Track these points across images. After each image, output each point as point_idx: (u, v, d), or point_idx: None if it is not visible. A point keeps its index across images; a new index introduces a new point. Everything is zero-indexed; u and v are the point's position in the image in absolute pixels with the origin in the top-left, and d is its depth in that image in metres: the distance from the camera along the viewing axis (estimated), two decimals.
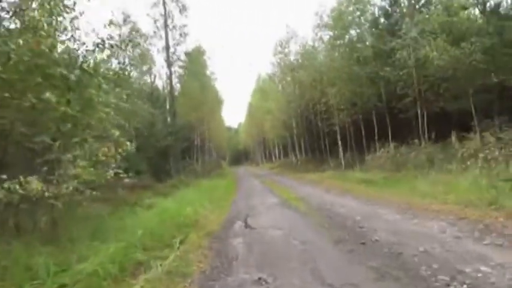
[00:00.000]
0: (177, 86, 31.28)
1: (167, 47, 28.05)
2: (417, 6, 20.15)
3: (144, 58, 28.42)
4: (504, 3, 16.88)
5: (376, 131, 22.38)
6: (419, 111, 17.73)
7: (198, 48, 37.19)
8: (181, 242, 6.94)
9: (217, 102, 49.84)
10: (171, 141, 25.33)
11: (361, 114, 23.64)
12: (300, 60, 35.08)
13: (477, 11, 17.34)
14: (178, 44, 28.07)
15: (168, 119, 27.68)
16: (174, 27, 28.09)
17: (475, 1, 16.15)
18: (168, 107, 28.47)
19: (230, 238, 7.52)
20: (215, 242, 7.23)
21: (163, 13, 27.83)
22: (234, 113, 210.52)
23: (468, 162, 11.41)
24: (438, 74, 15.37)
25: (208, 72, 40.76)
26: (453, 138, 14.16)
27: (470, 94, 14.76)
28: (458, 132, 14.37)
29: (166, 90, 29.05)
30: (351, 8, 23.91)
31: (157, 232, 7.25)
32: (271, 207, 11.58)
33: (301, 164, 36.36)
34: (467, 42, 14.02)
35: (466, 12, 16.82)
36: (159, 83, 33.06)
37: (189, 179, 23.43)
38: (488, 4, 16.33)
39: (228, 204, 13.35)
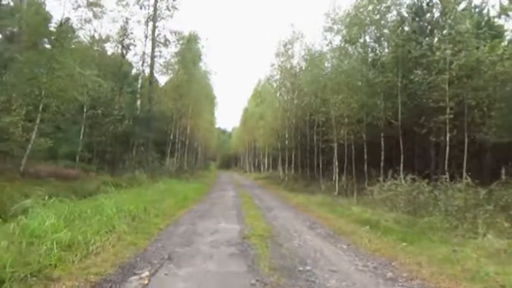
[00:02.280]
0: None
1: (153, 19, 23.70)
2: None
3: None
4: None
5: (383, 155, 18.04)
6: (448, 136, 13.32)
7: (192, 33, 33.07)
8: None
9: (208, 98, 45.50)
10: (135, 128, 20.74)
11: (366, 132, 19.32)
12: (303, 65, 30.84)
13: None
14: (163, 18, 23.64)
15: (138, 103, 23.12)
16: None
17: None
18: (139, 87, 23.89)
19: None
20: None
21: None
22: (230, 118, 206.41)
23: None
24: (491, 85, 11.01)
25: (201, 64, 36.58)
26: (503, 177, 9.78)
27: None
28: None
29: (141, 69, 24.44)
30: (370, 8, 19.70)
31: None
32: (219, 248, 7.10)
33: (288, 180, 31.84)
34: None
35: None
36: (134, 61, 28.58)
37: (149, 177, 18.92)
38: None
39: (157, 227, 8.83)
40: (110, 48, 24.31)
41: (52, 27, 19.42)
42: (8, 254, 4.55)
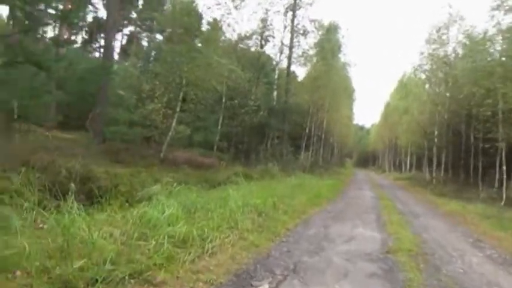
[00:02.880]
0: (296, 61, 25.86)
1: (293, 8, 23.03)
2: None
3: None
4: None
5: None
6: None
7: (332, 23, 31.53)
8: None
9: (347, 91, 43.36)
10: (270, 120, 20.38)
11: None
12: (460, 52, 26.51)
13: None
14: (302, 7, 22.74)
15: (274, 94, 22.76)
16: None
17: None
18: (276, 78, 23.48)
19: None
20: None
21: None
22: (369, 114, 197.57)
23: None
24: None
25: (340, 55, 34.82)
26: None
27: None
28: None
29: (279, 59, 23.91)
30: None
31: None
32: (356, 264, 5.70)
33: (436, 183, 27.99)
34: None
35: None
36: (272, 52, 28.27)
37: (281, 170, 18.36)
38: None
39: (285, 227, 7.85)
40: (251, 41, 24.58)
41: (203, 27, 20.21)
42: (113, 246, 4.03)
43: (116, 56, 22.26)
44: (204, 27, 20.04)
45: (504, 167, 17.13)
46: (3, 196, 5.35)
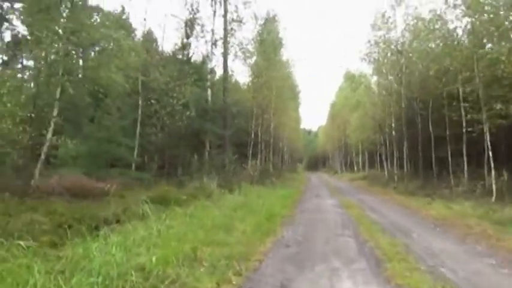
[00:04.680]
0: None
1: None
2: None
3: None
4: None
5: None
6: None
7: (270, 12, 28.32)
8: None
9: (292, 91, 40.51)
10: (205, 125, 16.41)
11: None
12: (408, 35, 24.28)
13: None
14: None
15: (209, 93, 18.82)
16: None
17: None
18: (208, 74, 19.56)
19: None
20: None
21: None
22: (313, 118, 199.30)
23: None
24: None
25: (283, 49, 31.69)
26: None
27: None
28: None
29: (210, 51, 19.94)
30: None
31: None
32: None
33: (398, 180, 25.41)
34: None
35: None
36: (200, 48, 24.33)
37: (223, 185, 14.44)
38: None
39: None
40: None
41: None
42: None
43: None
44: None
45: (490, 153, 14.35)
46: None
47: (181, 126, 15.52)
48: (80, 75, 11.81)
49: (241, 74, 50.32)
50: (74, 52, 10.91)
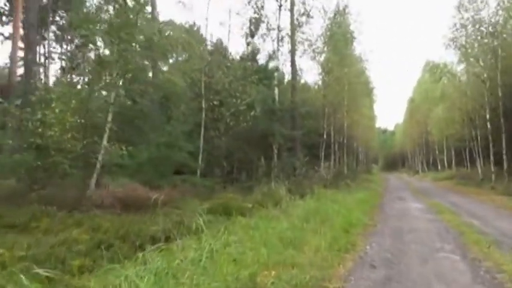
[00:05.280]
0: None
1: None
2: None
3: None
4: None
5: None
6: None
7: (340, 6, 26.60)
8: None
9: (366, 87, 37.94)
10: (273, 125, 15.32)
11: None
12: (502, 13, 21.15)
13: None
14: None
15: (276, 93, 17.71)
16: None
17: None
18: (274, 72, 18.42)
19: None
20: None
21: None
22: (389, 116, 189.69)
23: None
24: None
25: (355, 43, 29.63)
26: None
27: None
28: None
29: (276, 48, 18.80)
30: None
31: None
32: None
33: (496, 179, 22.20)
34: None
35: None
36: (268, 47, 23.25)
37: (293, 190, 13.23)
38: None
39: None
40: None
41: None
42: None
43: None
44: None
45: None
46: None
47: (246, 128, 14.65)
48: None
49: (310, 72, 48.87)
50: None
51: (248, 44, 16.82)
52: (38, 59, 21.29)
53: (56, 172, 8.63)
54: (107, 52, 10.84)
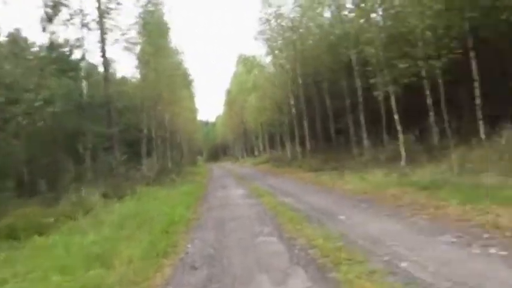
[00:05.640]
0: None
1: None
2: None
3: None
4: None
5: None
6: None
7: None
8: None
9: (184, 80, 38.05)
10: (81, 123, 13.47)
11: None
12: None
13: None
14: None
15: (84, 86, 15.71)
16: None
17: None
18: (79, 63, 16.36)
19: None
20: None
21: None
22: (210, 109, 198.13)
23: None
24: None
25: (169, 35, 28.99)
26: None
27: None
28: None
29: (82, 43, 16.58)
30: None
31: None
32: None
33: (301, 158, 25.09)
34: None
35: None
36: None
37: (111, 193, 11.88)
38: None
39: None
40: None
41: None
42: None
43: None
44: None
45: (396, 116, 14.13)
46: None
47: (46, 128, 12.40)
48: None
49: (128, 65, 46.65)
50: None
51: (44, 29, 14.27)
52: None
53: None
54: None
